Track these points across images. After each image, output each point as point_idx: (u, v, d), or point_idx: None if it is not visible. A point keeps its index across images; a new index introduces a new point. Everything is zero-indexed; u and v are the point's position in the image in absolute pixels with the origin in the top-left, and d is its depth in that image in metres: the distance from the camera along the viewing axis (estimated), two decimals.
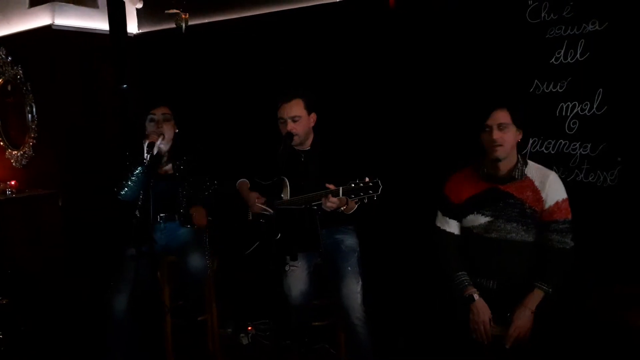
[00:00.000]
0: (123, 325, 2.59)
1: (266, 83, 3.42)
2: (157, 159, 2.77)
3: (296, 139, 2.57)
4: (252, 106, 3.50)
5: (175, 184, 2.84)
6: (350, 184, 2.21)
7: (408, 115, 2.91)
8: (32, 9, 3.85)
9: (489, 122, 2.14)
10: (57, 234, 3.84)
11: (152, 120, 2.79)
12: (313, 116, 2.64)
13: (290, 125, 2.55)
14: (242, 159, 3.00)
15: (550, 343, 2.07)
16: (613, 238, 2.29)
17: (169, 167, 2.89)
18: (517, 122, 2.14)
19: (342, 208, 2.40)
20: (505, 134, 2.12)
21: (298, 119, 2.56)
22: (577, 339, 2.06)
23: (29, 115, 4.00)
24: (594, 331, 2.02)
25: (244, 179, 2.82)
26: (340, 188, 2.25)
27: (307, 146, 2.67)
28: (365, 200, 2.21)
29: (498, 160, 2.16)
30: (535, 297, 2.10)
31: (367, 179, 2.18)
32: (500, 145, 2.12)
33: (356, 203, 2.27)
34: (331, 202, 2.28)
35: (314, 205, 2.33)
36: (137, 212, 2.64)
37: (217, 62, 3.69)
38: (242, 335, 3.35)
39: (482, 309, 2.13)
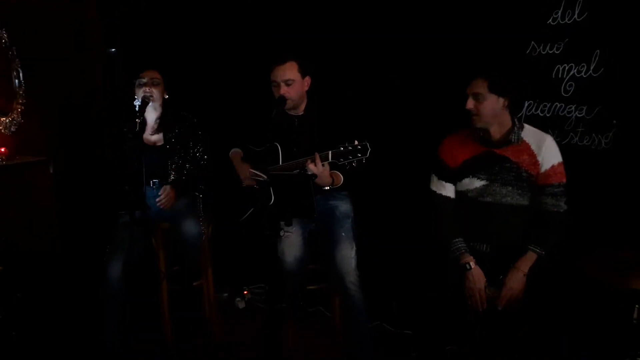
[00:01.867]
0: (118, 291, 2.61)
1: (259, 46, 3.34)
2: (143, 122, 2.74)
3: (289, 103, 2.52)
4: (244, 70, 3.44)
5: (165, 155, 2.82)
6: (340, 147, 2.22)
7: (401, 78, 2.87)
8: None
9: (467, 90, 2.14)
10: (48, 201, 3.81)
11: (140, 83, 2.75)
12: (307, 80, 2.58)
13: (284, 89, 2.49)
14: (234, 124, 2.96)
15: (543, 305, 2.09)
16: (607, 201, 2.29)
17: (158, 137, 2.86)
18: (496, 90, 2.10)
19: (327, 187, 2.39)
20: (480, 104, 2.11)
21: (291, 82, 2.50)
22: (569, 302, 2.09)
23: (16, 81, 3.91)
24: (586, 294, 2.05)
25: (237, 149, 2.78)
26: (330, 152, 2.24)
27: (300, 111, 2.63)
28: (354, 164, 2.20)
29: (478, 128, 2.16)
30: (528, 259, 2.12)
31: (355, 142, 2.18)
32: (476, 115, 2.13)
33: (345, 167, 2.26)
34: (312, 166, 2.26)
35: (308, 171, 2.32)
36: (127, 181, 2.63)
37: (208, 24, 3.60)
38: (238, 299, 3.38)
39: (477, 277, 2.15)
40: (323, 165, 2.28)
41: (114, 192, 2.95)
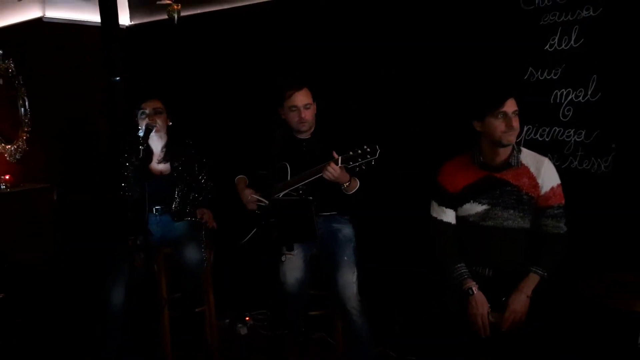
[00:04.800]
0: (120, 318, 2.60)
1: (260, 73, 3.40)
2: (149, 151, 2.77)
3: (306, 126, 2.61)
4: (246, 96, 3.48)
5: (171, 183, 2.84)
6: (349, 152, 2.29)
7: (402, 104, 2.90)
8: (23, 1, 3.81)
9: (505, 109, 2.11)
10: (51, 228, 3.83)
11: (143, 114, 2.78)
12: (315, 104, 2.65)
13: (304, 113, 2.58)
14: (239, 150, 2.99)
15: (545, 327, 2.08)
16: (606, 225, 2.29)
17: (165, 167, 2.88)
18: (519, 109, 2.14)
19: (345, 185, 2.43)
20: (517, 121, 2.13)
21: (310, 106, 2.60)
22: (571, 324, 2.08)
23: (22, 109, 3.98)
24: (587, 316, 2.03)
25: (242, 176, 2.81)
26: (340, 157, 2.31)
27: (307, 135, 2.68)
28: (364, 167, 2.28)
29: (508, 145, 2.15)
30: (531, 281, 2.11)
31: (365, 146, 2.26)
32: (516, 130, 2.13)
33: (355, 170, 2.33)
34: (332, 168, 2.32)
35: (309, 196, 2.33)
36: (130, 208, 2.65)
37: (210, 54, 3.67)
38: (239, 325, 3.36)
39: (480, 303, 2.13)
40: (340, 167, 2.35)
41: (116, 218, 2.96)
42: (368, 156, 2.25)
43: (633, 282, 1.96)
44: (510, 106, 2.12)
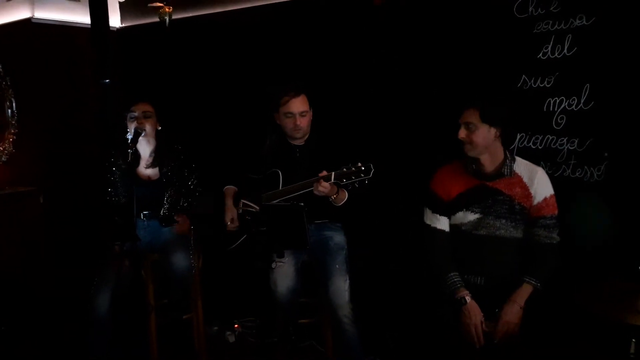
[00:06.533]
0: (106, 324, 2.55)
1: (252, 77, 3.38)
2: (136, 156, 2.73)
3: (300, 133, 2.58)
4: (238, 101, 3.46)
5: (160, 188, 2.80)
6: (342, 169, 2.25)
7: (395, 111, 2.89)
8: (12, 1, 3.77)
9: (460, 120, 2.15)
10: (38, 232, 3.78)
11: (132, 117, 2.74)
12: (311, 112, 2.63)
13: (299, 120, 2.54)
14: (231, 154, 2.96)
15: (540, 338, 2.07)
16: (599, 233, 2.29)
17: (154, 172, 2.84)
18: (488, 120, 2.09)
19: (332, 197, 2.41)
20: (472, 133, 2.11)
21: (306, 113, 2.56)
22: (566, 334, 2.07)
23: (9, 111, 3.92)
24: (581, 326, 2.02)
25: (231, 186, 2.77)
26: (333, 173, 2.28)
27: (302, 141, 2.66)
28: (357, 185, 2.25)
29: (470, 157, 2.16)
30: (524, 292, 2.10)
31: (359, 164, 2.23)
32: (468, 143, 2.13)
33: (347, 188, 2.31)
34: (322, 187, 2.29)
35: (301, 202, 2.31)
36: (117, 212, 2.62)
37: (201, 57, 3.65)
38: (228, 333, 3.32)
39: (474, 312, 2.11)
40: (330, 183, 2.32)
41: (103, 223, 2.92)
42: (362, 175, 2.22)
43: (623, 291, 1.95)
44: (463, 117, 2.13)
